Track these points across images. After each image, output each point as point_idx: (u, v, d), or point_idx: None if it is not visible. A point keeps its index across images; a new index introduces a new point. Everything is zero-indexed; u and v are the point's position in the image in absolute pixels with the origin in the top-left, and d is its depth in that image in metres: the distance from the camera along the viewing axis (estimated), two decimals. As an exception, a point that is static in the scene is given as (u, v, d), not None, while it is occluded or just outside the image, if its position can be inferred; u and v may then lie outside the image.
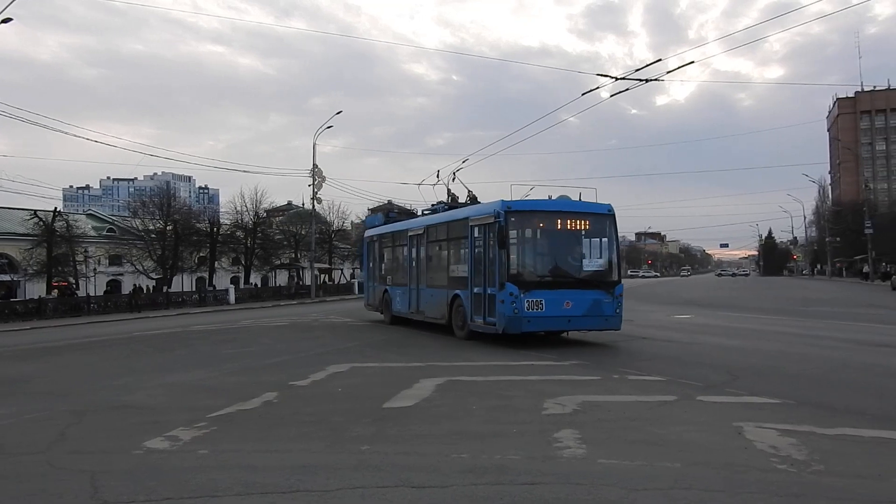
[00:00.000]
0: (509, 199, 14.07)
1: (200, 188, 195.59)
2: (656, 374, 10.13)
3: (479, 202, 17.81)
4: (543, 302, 13.52)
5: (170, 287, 46.78)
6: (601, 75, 15.48)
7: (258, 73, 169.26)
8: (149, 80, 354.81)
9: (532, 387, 9.24)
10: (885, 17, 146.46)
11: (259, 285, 56.17)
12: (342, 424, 7.26)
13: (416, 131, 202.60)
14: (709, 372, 10.33)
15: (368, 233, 24.12)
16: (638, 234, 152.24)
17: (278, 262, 60.42)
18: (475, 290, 14.62)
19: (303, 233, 59.50)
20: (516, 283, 13.49)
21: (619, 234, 15.72)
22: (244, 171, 73.10)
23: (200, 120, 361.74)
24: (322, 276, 58.87)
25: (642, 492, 4.95)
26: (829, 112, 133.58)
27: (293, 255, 61.77)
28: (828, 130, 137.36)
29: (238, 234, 55.46)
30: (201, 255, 54.44)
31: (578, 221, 14.36)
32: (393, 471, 5.53)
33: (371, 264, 23.28)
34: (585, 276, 14.43)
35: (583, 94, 16.69)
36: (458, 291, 15.57)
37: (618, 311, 14.18)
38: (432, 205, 20.51)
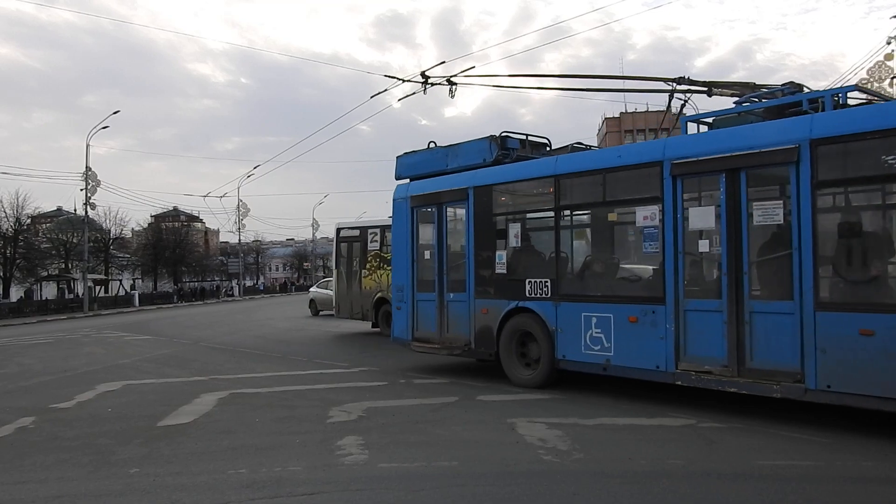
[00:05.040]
0: None
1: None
2: (441, 376, 10.47)
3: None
4: None
5: None
6: (388, 76, 15.70)
7: (18, 64, 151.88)
8: None
9: (318, 395, 9.15)
10: (643, 46, 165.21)
11: (23, 298, 50.42)
12: (109, 447, 6.73)
13: (203, 134, 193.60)
14: (490, 372, 10.82)
15: (425, 187, 11.04)
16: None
17: (46, 274, 54.69)
18: None
19: (75, 241, 54.34)
20: None
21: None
22: (4, 174, 65.22)
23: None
24: (97, 287, 54.18)
25: (420, 492, 5.10)
26: (599, 130, 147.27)
27: (63, 266, 56.22)
28: (598, 146, 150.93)
29: (-6, 242, 49.37)
30: (-53, 266, 47.84)
31: None
32: (163, 493, 5.22)
33: (439, 253, 10.77)
34: None
35: (371, 97, 16.93)
36: None
37: None
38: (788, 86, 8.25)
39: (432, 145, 11.22)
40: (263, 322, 25.27)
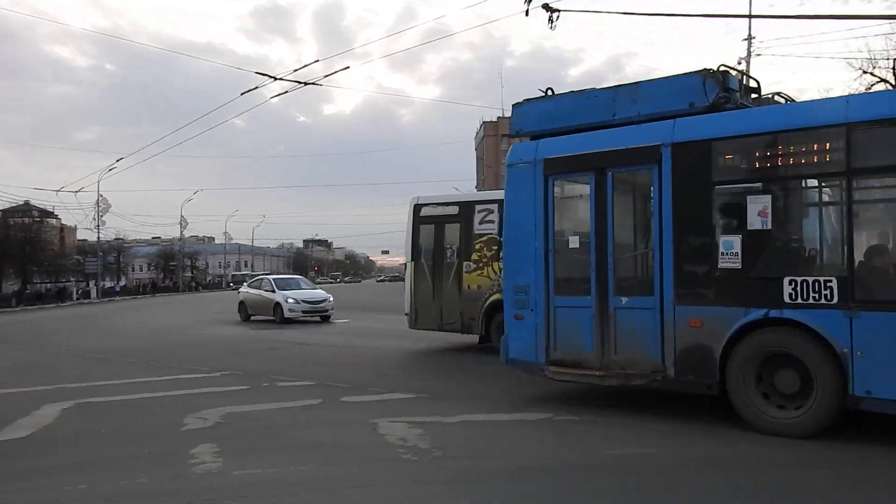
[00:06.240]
0: None
1: None
2: (307, 379, 10.28)
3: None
4: None
5: None
6: (260, 73, 15.01)
7: None
8: None
9: (174, 402, 8.73)
10: (522, 53, 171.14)
11: None
12: (-70, 468, 6.12)
13: (60, 123, 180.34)
14: (358, 373, 10.77)
15: (571, 146, 7.86)
16: (305, 241, 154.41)
17: None
18: None
19: None
20: None
21: (287, 242, 10.08)
22: None
23: None
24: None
25: (272, 498, 4.98)
26: (477, 133, 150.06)
27: None
28: (475, 150, 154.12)
29: None
30: None
31: None
32: (-11, 515, 4.81)
33: (598, 238, 7.55)
34: None
35: (242, 94, 16.01)
36: None
37: None
38: None
39: (549, 92, 8.27)
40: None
